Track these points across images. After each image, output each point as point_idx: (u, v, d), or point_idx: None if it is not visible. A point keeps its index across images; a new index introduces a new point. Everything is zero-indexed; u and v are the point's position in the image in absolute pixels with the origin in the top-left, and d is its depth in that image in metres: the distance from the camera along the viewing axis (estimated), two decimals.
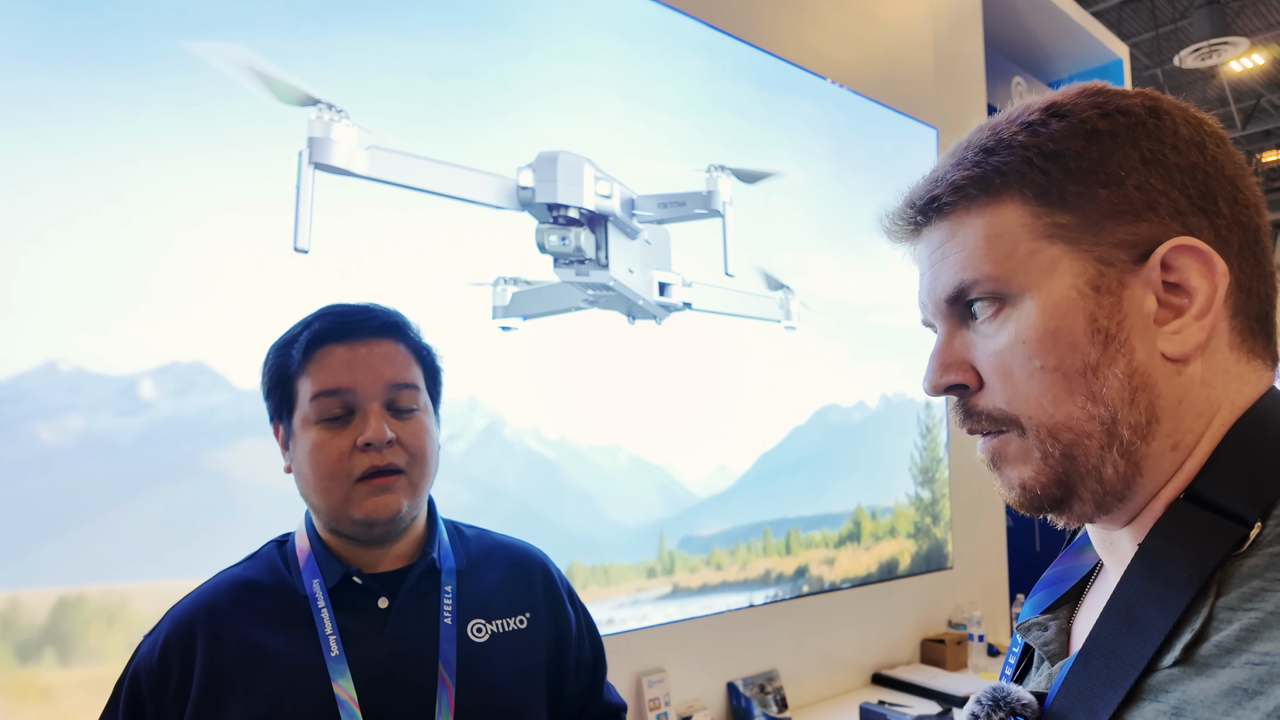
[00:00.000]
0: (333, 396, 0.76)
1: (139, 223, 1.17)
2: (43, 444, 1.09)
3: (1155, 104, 0.44)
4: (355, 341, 0.78)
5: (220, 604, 0.77)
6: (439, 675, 0.77)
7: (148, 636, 0.78)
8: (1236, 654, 0.36)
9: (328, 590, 0.77)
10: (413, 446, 0.78)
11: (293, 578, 0.79)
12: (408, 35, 1.48)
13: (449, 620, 0.80)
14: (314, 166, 1.32)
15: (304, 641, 0.75)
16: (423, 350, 0.84)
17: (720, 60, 2.06)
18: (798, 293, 2.17)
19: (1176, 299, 0.42)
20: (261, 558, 0.83)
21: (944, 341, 0.47)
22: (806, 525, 2.15)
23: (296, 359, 0.77)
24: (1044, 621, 0.51)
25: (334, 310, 0.81)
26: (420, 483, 0.80)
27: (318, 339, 0.78)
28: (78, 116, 1.13)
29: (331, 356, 0.77)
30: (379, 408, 0.77)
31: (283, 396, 0.79)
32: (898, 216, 0.50)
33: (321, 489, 0.76)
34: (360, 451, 0.75)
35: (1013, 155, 0.44)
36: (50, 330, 1.10)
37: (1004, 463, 0.46)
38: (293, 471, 0.80)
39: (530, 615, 0.86)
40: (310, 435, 0.76)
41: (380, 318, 0.81)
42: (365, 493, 0.76)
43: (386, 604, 0.79)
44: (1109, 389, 0.41)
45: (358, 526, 0.77)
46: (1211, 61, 6.57)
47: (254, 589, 0.79)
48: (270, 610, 0.77)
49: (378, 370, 0.78)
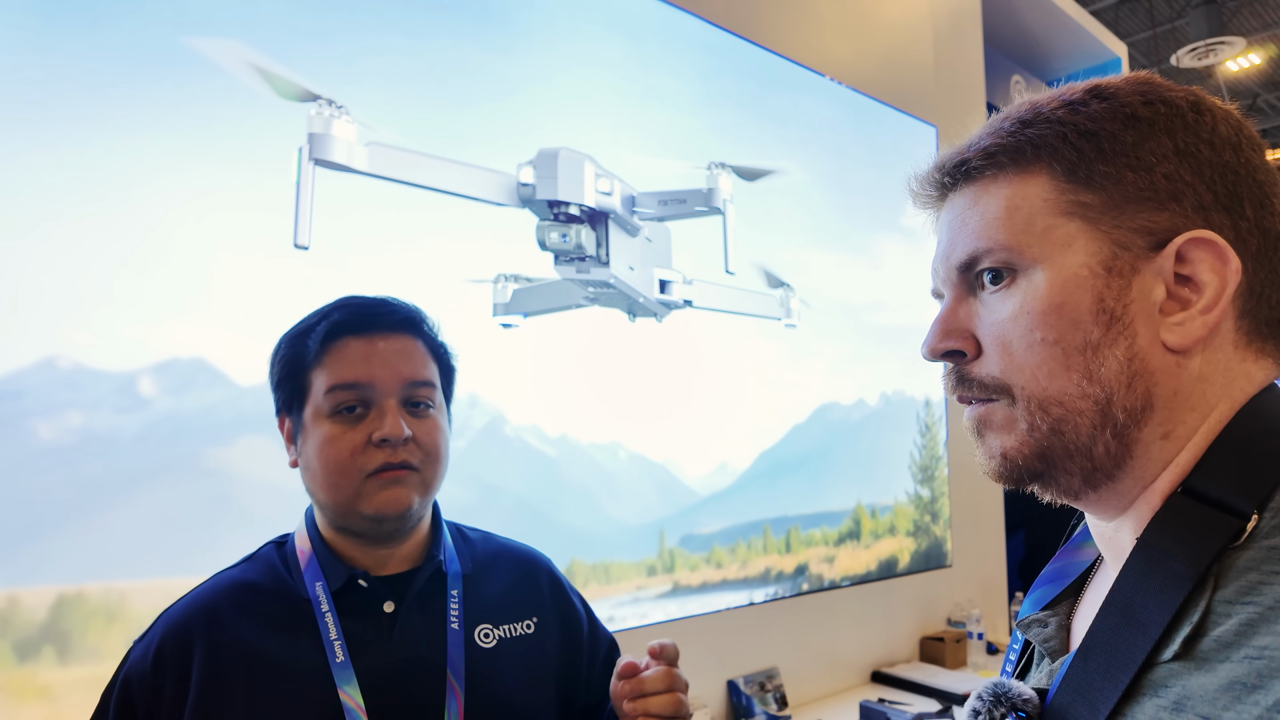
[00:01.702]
0: (349, 390, 0.74)
1: (138, 218, 1.16)
2: (41, 441, 1.08)
3: (1198, 100, 0.44)
4: (374, 335, 0.76)
5: (219, 607, 0.74)
6: (448, 683, 0.75)
7: (139, 642, 0.75)
8: (1235, 648, 0.36)
9: (331, 593, 0.75)
10: (428, 445, 0.77)
11: (294, 580, 0.76)
12: (408, 32, 1.48)
13: (456, 626, 0.78)
14: (314, 162, 1.32)
15: (307, 646, 0.72)
16: (439, 348, 0.82)
17: (720, 57, 2.06)
18: (798, 290, 2.17)
19: (1185, 291, 0.42)
20: (260, 559, 0.80)
21: (949, 308, 0.48)
22: (806, 523, 2.15)
23: (313, 350, 0.75)
24: (1044, 618, 0.51)
25: (352, 302, 0.79)
26: (432, 482, 0.78)
27: (336, 330, 0.75)
28: (75, 113, 1.12)
29: (349, 349, 0.75)
30: (395, 404, 0.75)
31: (294, 388, 0.76)
32: (926, 180, 0.50)
33: (331, 484, 0.74)
34: (375, 447, 0.73)
35: (1049, 129, 0.44)
36: (48, 326, 1.09)
37: (988, 429, 0.46)
38: (299, 466, 0.78)
39: (538, 620, 0.85)
40: (323, 429, 0.74)
41: (400, 312, 0.79)
42: (376, 486, 0.74)
43: (393, 608, 0.77)
44: (1107, 370, 0.41)
45: (367, 522, 0.75)
46: (1208, 61, 6.57)
47: (253, 591, 0.76)
48: (271, 614, 0.74)
49: (396, 366, 0.76)
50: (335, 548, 0.78)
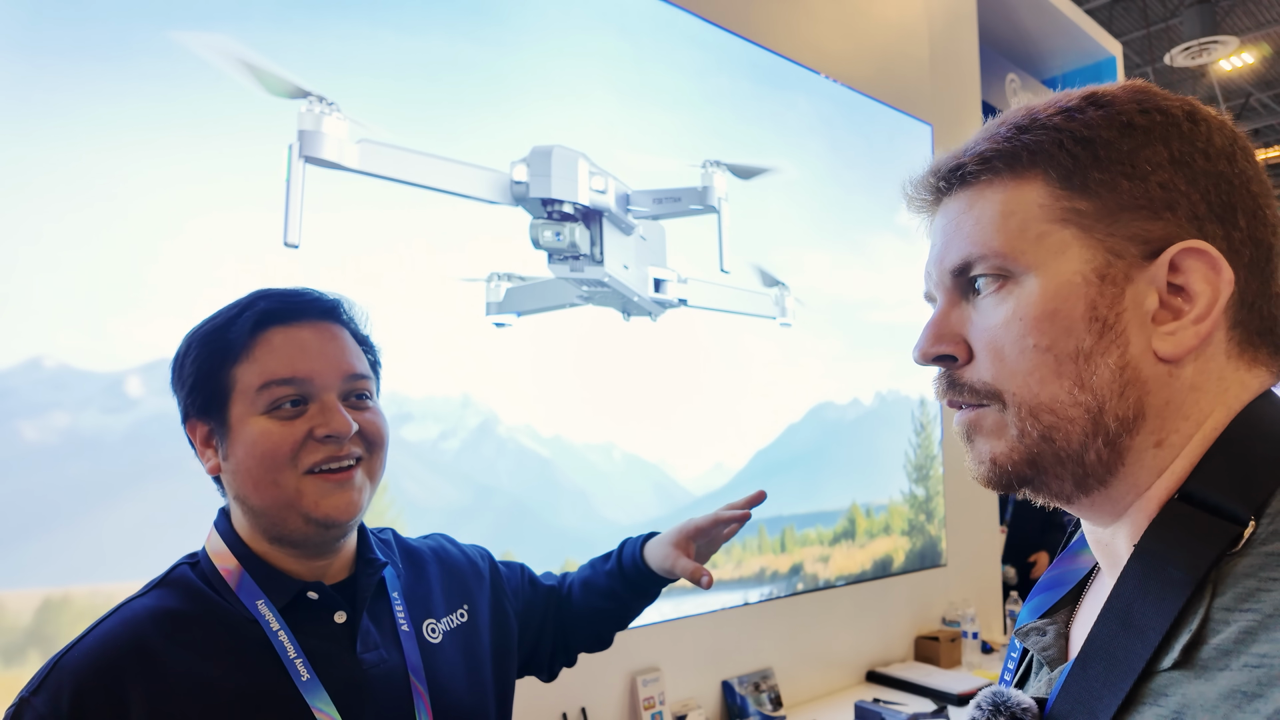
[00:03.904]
0: (286, 385, 0.68)
1: (124, 217, 1.15)
2: (26, 442, 1.07)
3: (1194, 110, 0.44)
4: (302, 324, 0.71)
5: (146, 640, 0.65)
6: (412, 685, 0.73)
7: (32, 696, 0.62)
8: (1235, 656, 0.36)
9: (279, 610, 0.69)
10: (372, 434, 0.73)
11: (227, 601, 0.69)
12: (400, 28, 1.46)
13: (406, 627, 0.76)
14: (304, 160, 1.31)
15: (265, 670, 0.67)
16: (364, 338, 0.78)
17: (715, 55, 2.05)
18: (793, 289, 2.17)
19: (1178, 301, 0.42)
20: (175, 583, 0.71)
21: (941, 312, 0.48)
22: (801, 523, 2.15)
23: (238, 343, 0.69)
24: (1042, 626, 0.51)
25: (274, 292, 0.73)
26: (376, 474, 0.75)
27: (264, 320, 0.70)
28: (61, 109, 1.10)
29: (279, 340, 0.70)
30: (335, 398, 0.70)
31: (215, 388, 0.70)
32: (921, 184, 0.50)
33: (267, 483, 0.68)
34: (317, 443, 0.69)
35: (1045, 135, 0.44)
36: (33, 326, 1.08)
37: (978, 435, 0.46)
38: (223, 471, 0.71)
39: (469, 606, 0.86)
40: (256, 426, 0.68)
41: (325, 301, 0.75)
42: (322, 490, 0.69)
43: (344, 618, 0.73)
44: (1098, 378, 0.42)
45: (312, 527, 0.69)
46: (1201, 60, 6.60)
47: (181, 619, 0.67)
48: (210, 641, 0.67)
49: (333, 358, 0.71)
50: (270, 560, 0.72)
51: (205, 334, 0.72)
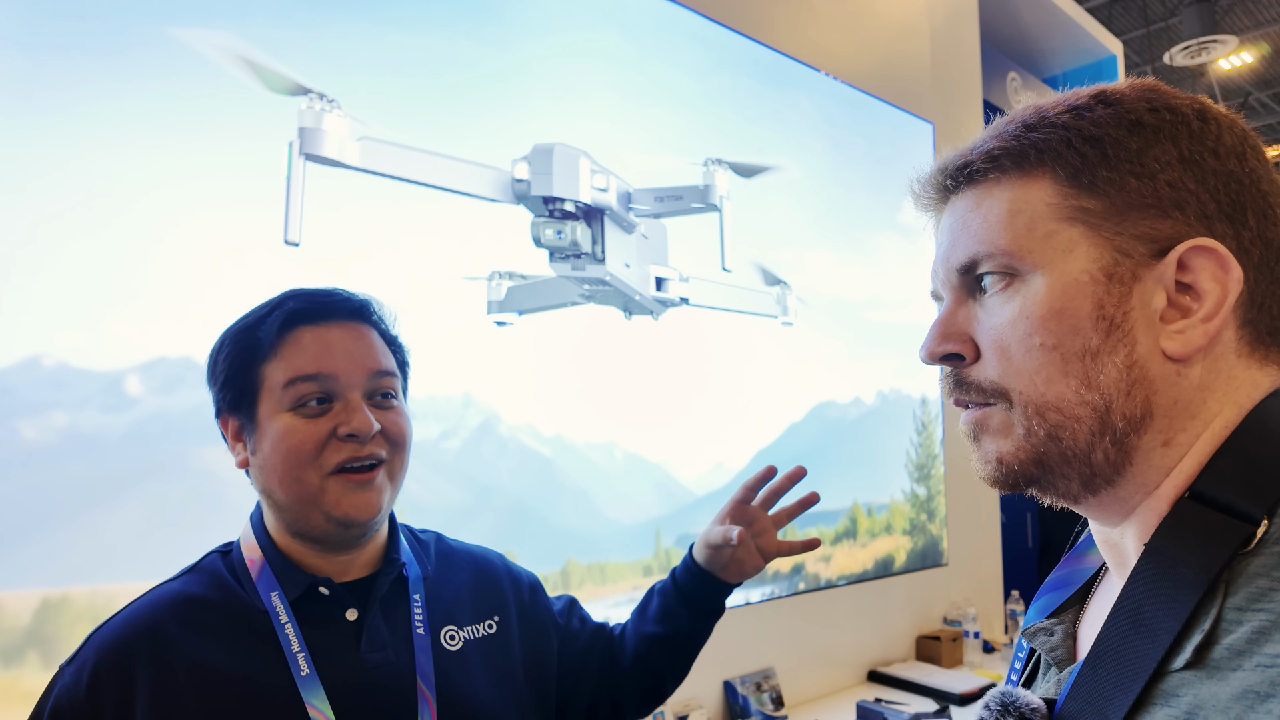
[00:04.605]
0: (311, 382, 0.70)
1: (124, 215, 1.14)
2: (25, 442, 1.06)
3: (1204, 108, 0.44)
4: (330, 324, 0.73)
5: (161, 624, 0.68)
6: (418, 689, 0.73)
7: (67, 665, 0.68)
8: (1247, 656, 0.35)
9: (290, 603, 0.71)
10: (395, 435, 0.74)
11: (245, 591, 0.71)
12: (401, 26, 1.46)
13: (421, 630, 0.76)
14: (305, 158, 1.30)
15: (268, 661, 0.68)
16: (392, 338, 0.80)
17: (717, 53, 2.05)
18: (795, 288, 2.17)
19: (1186, 300, 0.41)
20: (204, 570, 0.74)
21: (948, 311, 0.48)
22: (803, 522, 2.15)
23: (267, 341, 0.71)
24: (1050, 626, 0.51)
25: (304, 292, 0.75)
26: (399, 474, 0.76)
27: (292, 319, 0.72)
28: (60, 106, 1.10)
29: (306, 339, 0.72)
30: (360, 397, 0.72)
31: (244, 385, 0.72)
32: (928, 182, 0.50)
33: (291, 479, 0.70)
34: (340, 441, 0.70)
35: (1053, 133, 0.44)
36: (32, 325, 1.07)
37: (985, 434, 0.46)
38: (251, 465, 0.73)
39: (499, 618, 0.83)
40: (282, 422, 0.70)
41: (353, 301, 0.76)
42: (344, 489, 0.70)
43: (356, 616, 0.73)
44: (1106, 377, 0.41)
45: (333, 525, 0.71)
46: (1201, 59, 6.60)
47: (200, 605, 0.70)
48: (222, 628, 0.69)
49: (358, 357, 0.73)
50: (291, 554, 0.74)
51: (237, 332, 0.74)
